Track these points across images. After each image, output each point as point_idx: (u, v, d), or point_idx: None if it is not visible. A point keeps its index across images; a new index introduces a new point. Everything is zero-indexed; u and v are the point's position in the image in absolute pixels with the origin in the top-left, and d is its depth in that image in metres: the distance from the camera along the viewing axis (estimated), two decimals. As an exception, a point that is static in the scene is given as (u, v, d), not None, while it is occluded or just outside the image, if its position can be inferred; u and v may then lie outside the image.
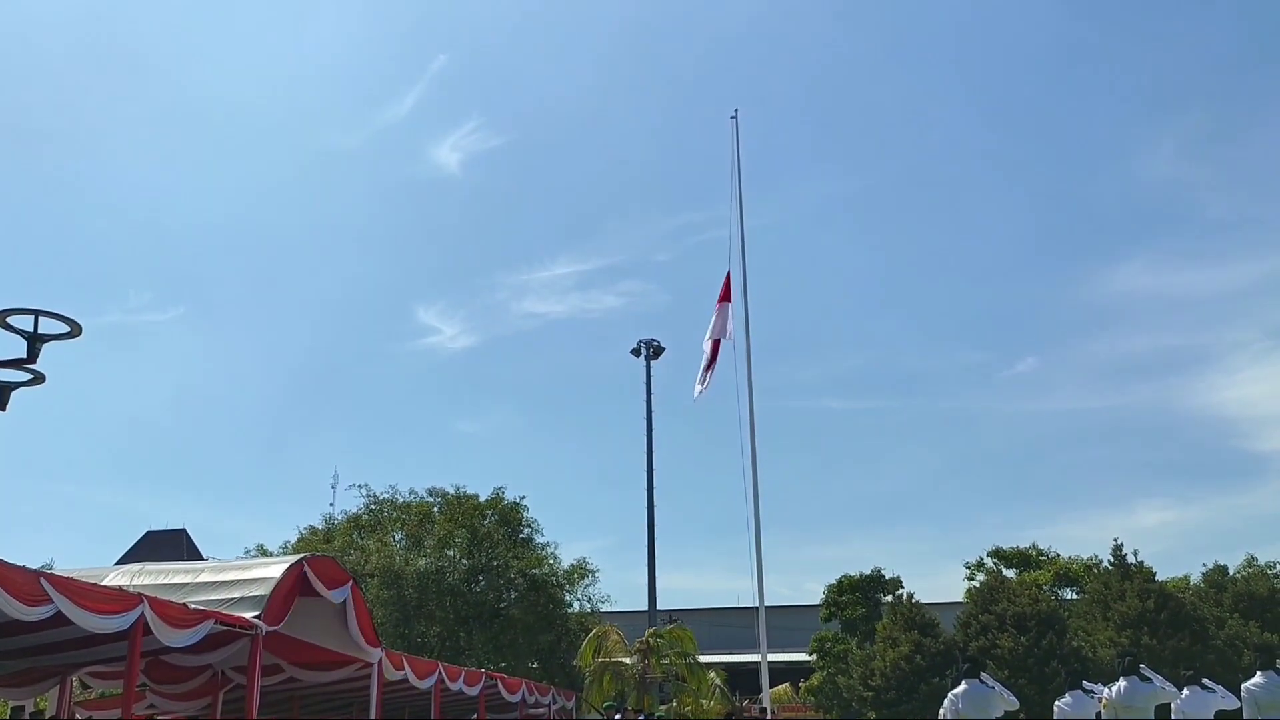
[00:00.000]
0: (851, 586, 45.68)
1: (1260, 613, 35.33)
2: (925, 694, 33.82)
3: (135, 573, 21.92)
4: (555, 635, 44.02)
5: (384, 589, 41.55)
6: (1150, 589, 36.36)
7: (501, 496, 46.79)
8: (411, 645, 38.25)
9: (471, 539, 44.48)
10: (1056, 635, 36.01)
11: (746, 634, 37.21)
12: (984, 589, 40.77)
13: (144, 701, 24.84)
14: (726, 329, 28.91)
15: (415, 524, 45.55)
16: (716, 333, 29.26)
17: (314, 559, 24.16)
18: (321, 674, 25.54)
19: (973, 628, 37.66)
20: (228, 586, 20.99)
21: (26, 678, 21.17)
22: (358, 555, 43.29)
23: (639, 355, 52.33)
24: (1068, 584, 44.93)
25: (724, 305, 29.48)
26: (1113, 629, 35.35)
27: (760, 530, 26.59)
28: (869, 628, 42.51)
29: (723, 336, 28.99)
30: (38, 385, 10.45)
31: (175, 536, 60.21)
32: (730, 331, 28.78)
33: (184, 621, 17.66)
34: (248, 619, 19.61)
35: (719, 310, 29.45)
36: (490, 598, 43.44)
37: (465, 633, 42.93)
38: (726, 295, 29.45)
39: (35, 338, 9.58)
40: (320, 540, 45.80)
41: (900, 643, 37.93)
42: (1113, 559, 39.35)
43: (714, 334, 29.44)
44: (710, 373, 29.21)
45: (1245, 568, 40.65)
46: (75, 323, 9.74)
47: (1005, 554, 47.05)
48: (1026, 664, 34.40)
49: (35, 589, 13.35)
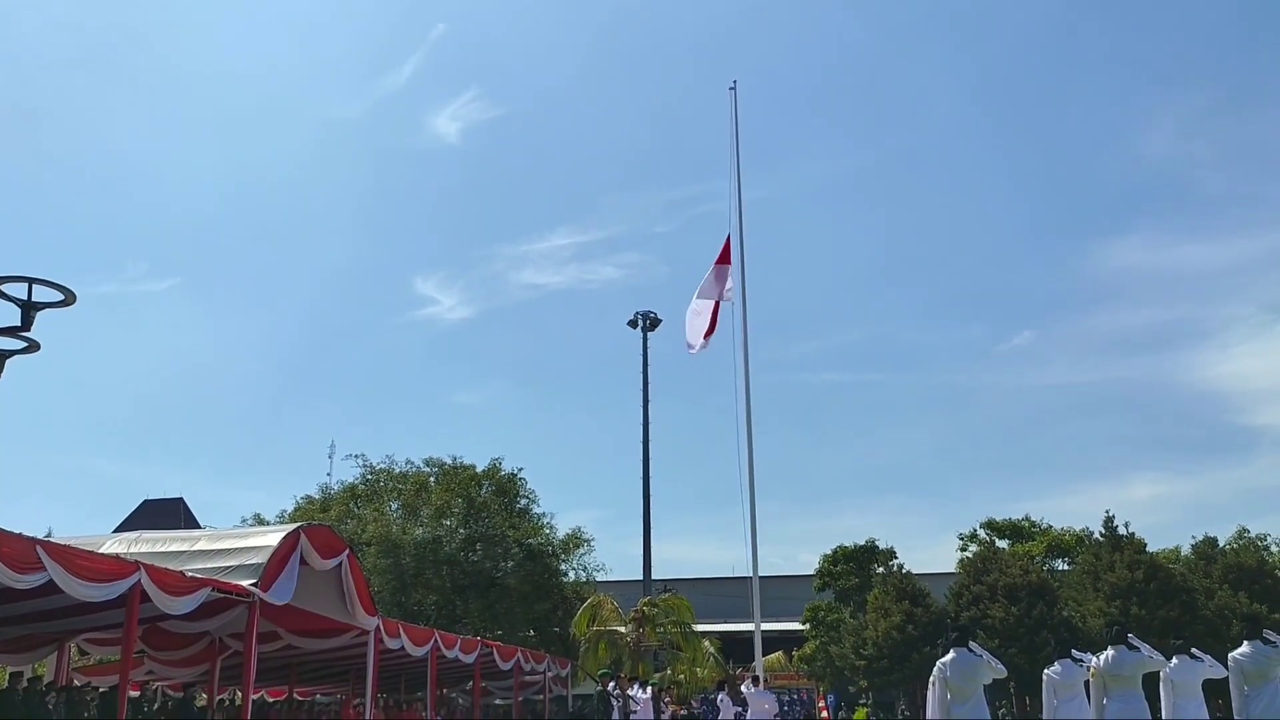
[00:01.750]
0: (845, 557, 45.96)
1: (1249, 584, 35.61)
2: (916, 663, 34.12)
3: (132, 541, 22.03)
4: (551, 604, 44.28)
5: (381, 558, 41.72)
6: (1140, 560, 36.63)
7: (499, 467, 46.96)
8: (408, 614, 38.47)
9: (468, 509, 44.64)
10: (1047, 605, 36.31)
11: (741, 603, 37.38)
12: (976, 560, 41.05)
13: (142, 667, 25.04)
14: (725, 291, 28.71)
15: (412, 494, 45.70)
16: (714, 293, 29.02)
17: (311, 528, 24.27)
18: (319, 641, 25.72)
19: (964, 598, 37.96)
20: (225, 555, 21.11)
21: (24, 644, 21.30)
22: (354, 525, 43.44)
23: (636, 327, 52.40)
24: (1059, 555, 45.23)
25: (723, 266, 29.24)
26: (1103, 599, 35.63)
27: (755, 501, 26.78)
28: (862, 598, 42.81)
29: (721, 298, 28.81)
30: (32, 353, 10.46)
31: (172, 506, 60.30)
32: (730, 294, 28.59)
33: (181, 589, 17.78)
34: (244, 587, 19.75)
35: (717, 270, 29.21)
36: (486, 567, 43.62)
37: (461, 601, 43.16)
38: (726, 258, 29.24)
39: (29, 305, 9.59)
40: (317, 510, 45.93)
41: (892, 612, 38.23)
42: (1104, 531, 39.60)
43: (711, 293, 29.19)
44: (710, 333, 29.02)
45: (1236, 540, 40.91)
46: (69, 290, 9.75)
47: (998, 525, 47.33)
48: (1017, 633, 34.70)
49: (29, 556, 13.43)
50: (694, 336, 29.45)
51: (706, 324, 29.14)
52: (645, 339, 52.07)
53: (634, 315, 52.62)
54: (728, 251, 29.24)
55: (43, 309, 10.03)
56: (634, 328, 52.52)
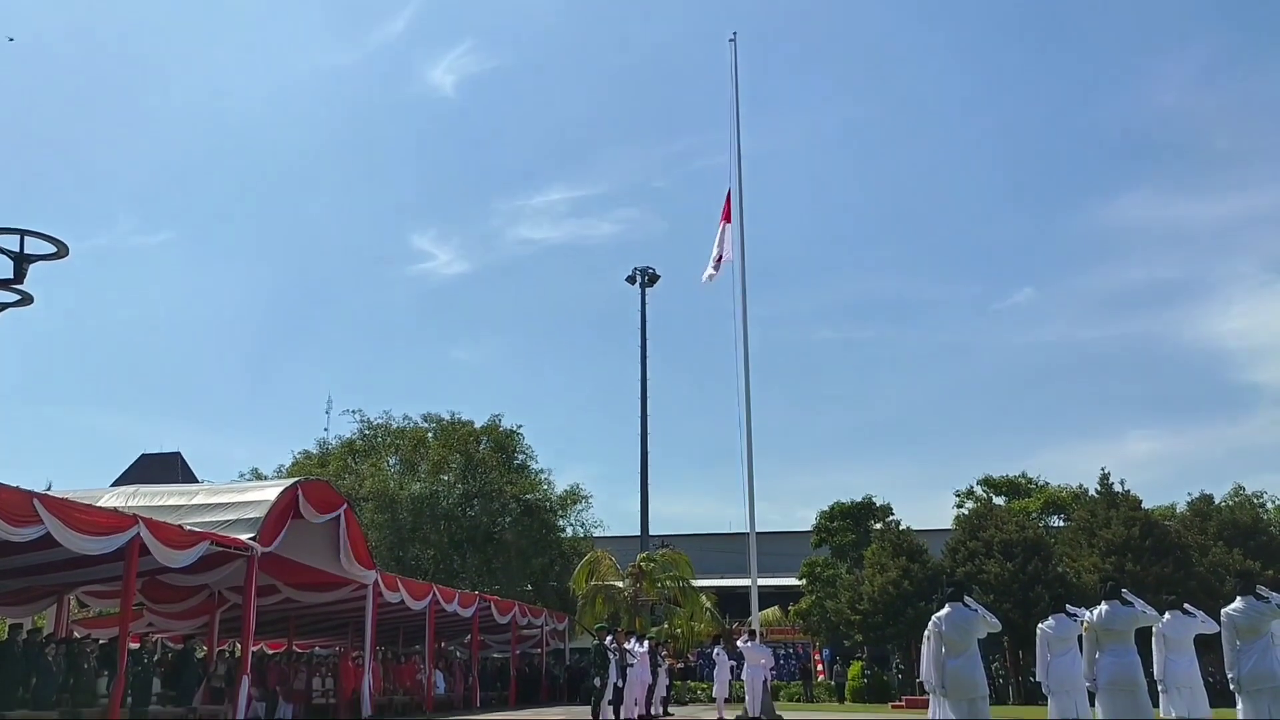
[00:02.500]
0: (842, 513, 46.16)
1: (1244, 541, 35.82)
2: (911, 618, 34.36)
3: (130, 494, 22.12)
4: (548, 559, 44.59)
5: (378, 513, 41.94)
6: (1136, 517, 36.81)
7: (497, 424, 47.10)
8: (406, 568, 38.72)
9: (466, 464, 44.82)
10: (1042, 561, 36.53)
11: (737, 559, 37.60)
12: (972, 516, 41.23)
13: (142, 620, 25.24)
14: (726, 251, 28.57)
15: (410, 449, 45.88)
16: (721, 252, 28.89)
17: (308, 483, 24.40)
18: (317, 595, 25.94)
19: (960, 554, 38.17)
20: (223, 509, 21.22)
21: (24, 596, 21.45)
22: (352, 480, 43.61)
23: (634, 283, 52.35)
24: (1056, 512, 45.43)
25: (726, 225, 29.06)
26: (1098, 555, 35.85)
27: (752, 457, 26.74)
28: (858, 554, 43.03)
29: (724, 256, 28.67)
30: (26, 306, 10.40)
31: (170, 460, 60.46)
32: (729, 253, 28.46)
33: (180, 542, 17.88)
34: (243, 540, 19.86)
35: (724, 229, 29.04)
36: (484, 522, 43.88)
37: (459, 556, 43.45)
38: (728, 215, 29.07)
39: (21, 258, 9.51)
40: (315, 465, 46.11)
41: (889, 568, 38.45)
42: (1100, 487, 39.77)
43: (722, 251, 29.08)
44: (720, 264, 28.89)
45: (1232, 497, 41.09)
46: (61, 243, 9.67)
47: (995, 482, 47.48)
48: (1012, 589, 34.93)
49: (26, 509, 13.47)
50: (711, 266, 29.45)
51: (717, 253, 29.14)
52: (643, 295, 52.09)
53: (632, 271, 52.57)
54: (729, 209, 29.04)
55: (35, 261, 9.96)
56: (632, 284, 52.50)
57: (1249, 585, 10.09)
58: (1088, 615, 10.63)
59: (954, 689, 9.93)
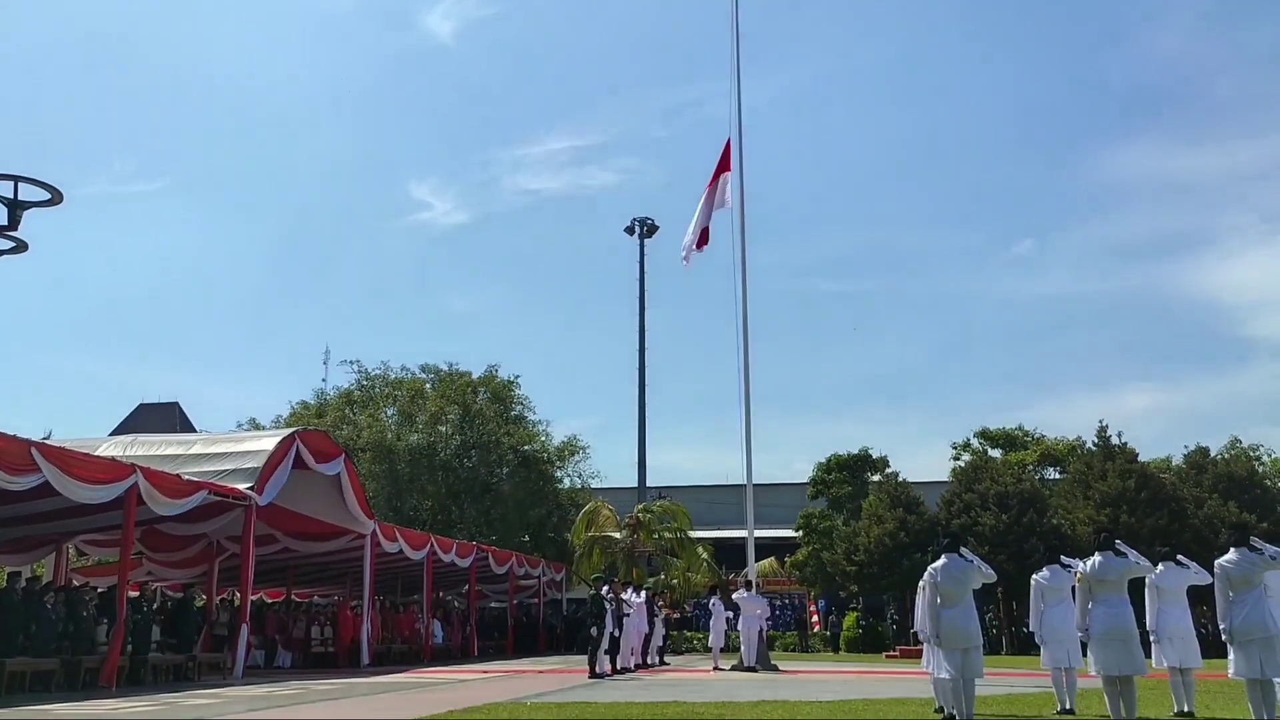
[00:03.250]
0: (839, 465, 46.36)
1: (1239, 493, 35.97)
2: (907, 569, 34.59)
3: (128, 444, 22.19)
4: (546, 510, 44.81)
5: (376, 463, 42.08)
6: (1132, 469, 36.97)
7: (495, 375, 47.14)
8: (403, 519, 38.91)
9: (463, 415, 44.91)
10: (1037, 513, 36.74)
11: (734, 510, 37.80)
12: (969, 468, 41.42)
13: (141, 569, 25.41)
14: (725, 199, 28.33)
15: (407, 400, 45.93)
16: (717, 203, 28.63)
17: (306, 433, 24.49)
18: (316, 545, 26.11)
19: (956, 506, 38.38)
20: (221, 459, 21.32)
21: (22, 545, 21.57)
22: (350, 430, 43.70)
23: (633, 234, 52.17)
24: (1052, 464, 45.60)
25: (724, 175, 28.78)
26: (1093, 507, 36.04)
27: (750, 409, 26.77)
28: (855, 505, 43.25)
29: (721, 207, 28.44)
30: (21, 253, 10.34)
31: (168, 409, 60.57)
32: (729, 202, 28.22)
33: (177, 491, 17.96)
34: (241, 490, 19.95)
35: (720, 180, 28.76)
36: (481, 473, 44.04)
37: (457, 507, 43.65)
38: (727, 164, 28.75)
39: (15, 204, 9.45)
40: (313, 415, 46.17)
41: (885, 520, 38.67)
42: (1097, 440, 39.88)
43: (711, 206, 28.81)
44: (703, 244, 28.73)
45: (1228, 450, 41.24)
46: (56, 189, 9.59)
47: (992, 435, 47.61)
48: (1007, 540, 35.16)
49: (24, 458, 13.48)
50: (688, 247, 29.23)
51: (697, 236, 28.88)
52: (642, 245, 51.90)
53: (631, 222, 52.35)
54: (728, 157, 28.72)
55: (30, 208, 9.90)
56: (631, 234, 52.28)
57: (1243, 537, 10.08)
58: (1081, 566, 10.66)
59: (948, 639, 10.00)
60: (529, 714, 11.06)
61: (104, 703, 13.15)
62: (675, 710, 11.44)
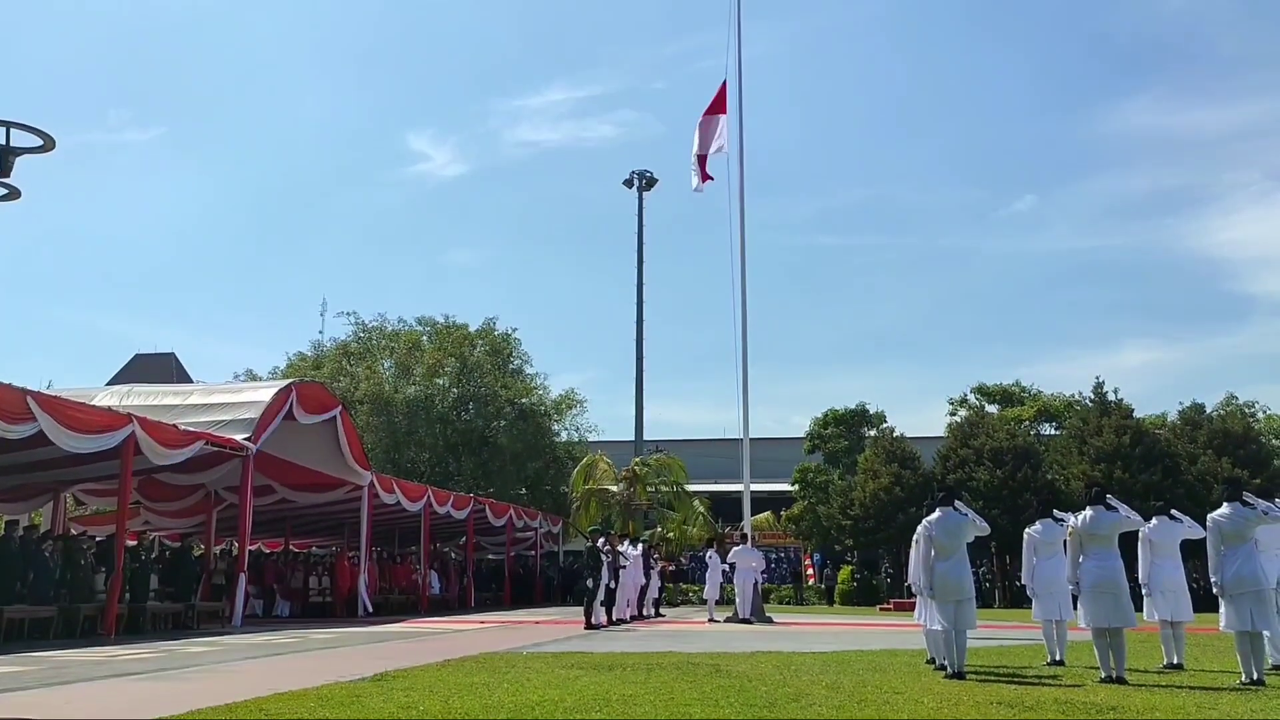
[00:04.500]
0: (836, 420, 46.51)
1: (1234, 450, 36.06)
2: (902, 523, 34.73)
3: (125, 394, 22.21)
4: (543, 463, 44.93)
5: (373, 416, 42.13)
6: (1127, 425, 37.09)
7: (492, 327, 47.12)
8: (401, 470, 39.00)
9: (461, 368, 44.92)
10: (1031, 468, 36.92)
11: (731, 464, 37.93)
12: (964, 424, 41.54)
13: (139, 518, 25.51)
14: (722, 142, 28.00)
15: (404, 352, 45.90)
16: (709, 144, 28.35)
17: (303, 384, 24.53)
18: (313, 495, 26.22)
19: (951, 461, 38.55)
20: (218, 409, 21.36)
21: (20, 493, 21.63)
22: (347, 382, 43.72)
23: (632, 187, 51.85)
24: (1049, 420, 45.73)
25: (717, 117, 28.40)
26: (1087, 463, 36.18)
27: (748, 363, 26.78)
28: (851, 460, 43.42)
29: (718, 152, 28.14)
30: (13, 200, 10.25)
31: (164, 360, 60.53)
32: (726, 147, 27.92)
33: (174, 442, 17.99)
34: (238, 440, 19.99)
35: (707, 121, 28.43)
36: (479, 425, 44.10)
37: (454, 459, 43.76)
38: (722, 107, 28.35)
39: (6, 151, 9.36)
40: (310, 367, 46.18)
41: (881, 475, 38.85)
42: (1093, 396, 39.97)
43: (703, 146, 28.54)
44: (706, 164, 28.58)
45: (1224, 406, 41.33)
46: (48, 135, 9.50)
47: (989, 390, 47.72)
48: (1001, 495, 35.37)
49: (20, 407, 13.48)
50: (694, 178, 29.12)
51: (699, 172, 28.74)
52: (641, 199, 51.59)
53: (630, 174, 52.02)
54: (723, 99, 28.33)
55: (21, 154, 9.81)
56: (629, 187, 51.97)
57: (1235, 491, 10.13)
58: (1073, 520, 10.72)
59: (941, 591, 10.08)
60: (525, 663, 11.15)
61: (103, 650, 13.25)
62: (670, 659, 11.54)
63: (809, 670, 10.45)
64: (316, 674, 9.46)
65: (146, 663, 11.34)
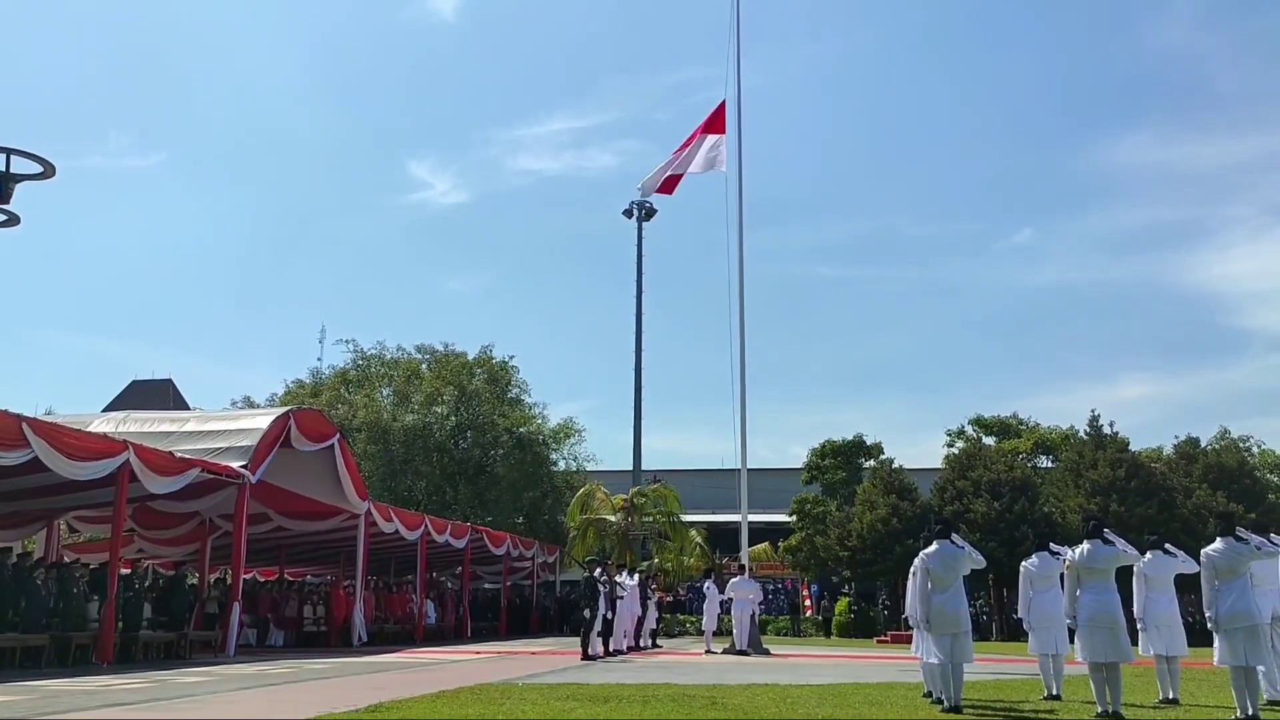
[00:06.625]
0: (834, 451, 46.46)
1: (1228, 484, 36.09)
2: (899, 555, 34.67)
3: (121, 420, 22.18)
4: (540, 492, 44.82)
5: (371, 444, 42.05)
6: (1122, 458, 37.10)
7: (490, 355, 47.15)
8: (398, 499, 38.87)
9: (459, 396, 44.89)
10: (1029, 501, 36.87)
11: (729, 495, 37.82)
12: (962, 456, 41.53)
13: (132, 545, 25.39)
14: (719, 160, 27.92)
15: (403, 380, 45.89)
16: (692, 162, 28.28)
17: (301, 412, 24.47)
18: (309, 524, 26.11)
19: (948, 492, 38.49)
20: (214, 436, 21.31)
21: (13, 520, 21.56)
22: (345, 410, 43.65)
23: (631, 217, 51.91)
24: (1045, 452, 45.74)
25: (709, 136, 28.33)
26: (1083, 496, 36.15)
27: (746, 394, 26.77)
28: (849, 491, 43.36)
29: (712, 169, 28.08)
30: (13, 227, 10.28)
31: (162, 386, 60.45)
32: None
33: (170, 469, 17.95)
34: (234, 468, 19.94)
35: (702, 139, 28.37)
36: (477, 454, 44.03)
37: (451, 488, 43.63)
38: (719, 126, 28.26)
39: (7, 177, 9.39)
40: (307, 394, 46.12)
41: (878, 506, 38.77)
42: (1089, 429, 39.98)
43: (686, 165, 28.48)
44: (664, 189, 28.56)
45: (1218, 440, 41.34)
46: (48, 162, 9.53)
47: (986, 422, 47.75)
48: (998, 528, 35.29)
49: (14, 433, 13.46)
50: (652, 183, 29.05)
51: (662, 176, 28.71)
52: (640, 229, 51.64)
53: (629, 204, 52.12)
54: (722, 119, 28.28)
55: (21, 181, 9.84)
56: (629, 217, 52.03)
57: (1229, 526, 10.12)
58: (1070, 554, 10.72)
59: (938, 624, 10.05)
60: (520, 694, 11.10)
61: (95, 679, 13.18)
62: (666, 691, 11.49)
63: (806, 703, 10.41)
64: (311, 705, 9.42)
65: (139, 693, 11.28)
